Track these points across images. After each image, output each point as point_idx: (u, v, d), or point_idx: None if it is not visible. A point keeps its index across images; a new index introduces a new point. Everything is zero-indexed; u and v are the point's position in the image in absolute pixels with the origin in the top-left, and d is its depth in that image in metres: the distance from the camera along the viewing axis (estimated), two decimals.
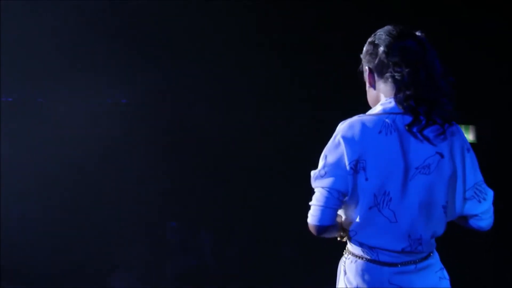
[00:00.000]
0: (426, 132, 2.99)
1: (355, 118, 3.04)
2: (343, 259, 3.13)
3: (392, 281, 2.99)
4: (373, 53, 3.09)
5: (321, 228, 3.01)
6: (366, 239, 3.00)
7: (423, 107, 2.98)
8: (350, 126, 2.99)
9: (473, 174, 3.10)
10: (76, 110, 8.98)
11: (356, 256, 3.05)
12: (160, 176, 8.49)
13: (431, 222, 3.02)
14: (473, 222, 3.17)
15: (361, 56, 3.19)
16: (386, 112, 3.02)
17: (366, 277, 3.02)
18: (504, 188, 8.64)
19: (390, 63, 3.03)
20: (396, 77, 3.02)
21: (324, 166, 2.99)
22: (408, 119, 3.00)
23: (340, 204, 3.01)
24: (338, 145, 2.98)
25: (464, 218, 3.17)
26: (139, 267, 7.78)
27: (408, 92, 2.98)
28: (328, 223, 3.01)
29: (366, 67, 3.14)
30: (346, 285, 3.07)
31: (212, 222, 8.26)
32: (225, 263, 7.94)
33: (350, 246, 3.10)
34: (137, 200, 8.21)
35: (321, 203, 2.99)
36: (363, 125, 2.98)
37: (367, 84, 3.16)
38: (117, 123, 9.05)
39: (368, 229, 2.99)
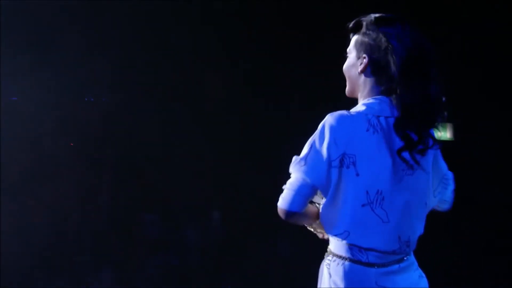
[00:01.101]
0: (416, 155, 2.97)
1: (343, 112, 2.99)
2: (326, 261, 3.07)
3: (379, 282, 2.97)
4: (377, 45, 3.02)
5: (288, 213, 2.99)
6: (359, 240, 2.96)
7: (416, 122, 2.95)
8: (339, 119, 2.95)
9: (440, 167, 3.15)
10: (48, 107, 9.09)
11: (342, 258, 3.01)
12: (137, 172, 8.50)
13: (418, 223, 3.04)
14: (438, 207, 3.23)
15: (357, 41, 3.10)
16: (371, 113, 2.97)
17: (353, 279, 2.98)
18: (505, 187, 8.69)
19: (393, 61, 2.97)
20: (393, 76, 2.96)
21: (307, 155, 2.96)
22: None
23: (312, 194, 2.99)
24: (324, 136, 2.94)
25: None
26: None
27: (403, 96, 2.94)
28: (296, 210, 2.98)
29: (365, 56, 3.05)
30: (331, 287, 3.01)
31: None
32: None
33: (334, 248, 3.04)
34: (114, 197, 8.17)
35: (294, 188, 2.96)
36: (351, 120, 2.95)
37: (359, 70, 3.07)
38: (93, 121, 9.15)
39: (361, 228, 2.94)
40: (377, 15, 3.07)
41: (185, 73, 9.83)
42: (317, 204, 3.11)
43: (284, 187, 3.01)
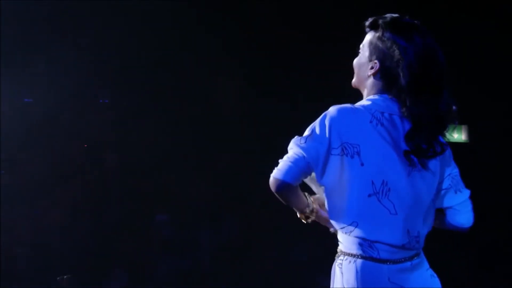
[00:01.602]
0: (423, 160, 2.99)
1: (346, 105, 3.02)
2: (338, 261, 3.04)
3: (392, 279, 2.96)
4: (390, 55, 3.01)
5: (282, 184, 2.94)
6: (367, 232, 2.95)
7: (424, 132, 2.98)
8: (341, 110, 2.98)
9: (449, 165, 3.13)
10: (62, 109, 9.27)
11: (354, 255, 2.99)
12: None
13: (427, 219, 3.05)
14: (451, 218, 3.16)
15: (371, 42, 3.09)
16: (375, 108, 2.99)
17: (366, 276, 2.95)
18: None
19: (403, 74, 2.97)
20: (403, 88, 2.97)
21: (307, 136, 2.97)
22: (405, 125, 3.00)
23: (307, 172, 2.95)
24: (325, 123, 2.96)
25: (442, 214, 3.16)
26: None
27: (412, 109, 2.97)
28: (290, 181, 2.93)
29: (376, 61, 3.05)
30: (344, 286, 2.99)
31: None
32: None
33: (344, 247, 3.03)
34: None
35: (291, 160, 2.93)
36: (354, 112, 2.97)
37: (368, 72, 3.08)
38: (107, 123, 9.31)
39: (368, 219, 2.94)
40: (395, 17, 3.07)
41: (198, 76, 9.91)
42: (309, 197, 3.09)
43: (279, 160, 2.99)
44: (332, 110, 2.98)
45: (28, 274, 7.56)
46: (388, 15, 3.08)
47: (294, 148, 2.96)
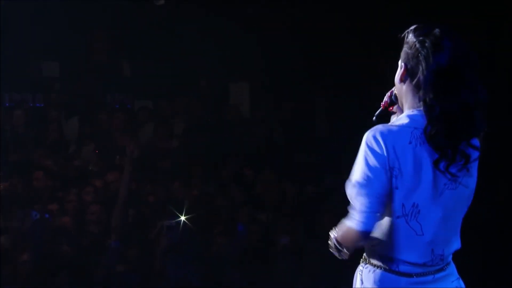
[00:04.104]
0: (451, 168, 2.93)
1: (381, 127, 2.97)
2: (360, 267, 3.08)
3: None
4: (412, 53, 2.98)
5: (367, 234, 2.91)
6: (389, 250, 2.95)
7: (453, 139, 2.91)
8: (382, 133, 2.91)
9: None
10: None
11: (374, 265, 3.01)
12: None
13: (454, 237, 3.03)
14: None
15: (402, 51, 3.06)
16: (413, 126, 2.93)
17: (384, 287, 2.98)
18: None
19: (421, 69, 2.94)
20: (421, 85, 2.94)
21: (364, 173, 2.90)
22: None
23: (383, 209, 2.93)
24: (373, 151, 2.90)
25: None
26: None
27: (429, 106, 2.90)
28: (372, 229, 2.91)
29: (402, 64, 3.03)
30: None
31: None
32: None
33: (368, 254, 3.06)
34: None
35: (369, 208, 2.89)
36: (394, 133, 2.92)
37: (398, 78, 3.05)
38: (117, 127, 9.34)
39: (393, 239, 2.94)
40: (419, 24, 3.05)
41: (209, 79, 9.96)
42: None
43: (352, 209, 2.93)
44: (373, 135, 2.92)
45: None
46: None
47: (359, 195, 2.91)
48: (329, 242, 3.07)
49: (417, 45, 2.95)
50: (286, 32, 9.73)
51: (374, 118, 3.35)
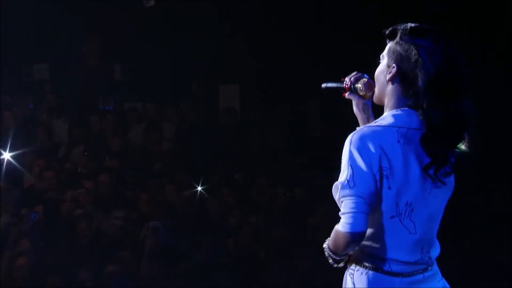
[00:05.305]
0: (439, 173, 2.94)
1: (365, 128, 2.98)
2: (350, 270, 3.04)
3: None
4: (407, 57, 2.97)
5: (356, 235, 2.88)
6: (381, 250, 2.95)
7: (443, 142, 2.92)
8: (368, 134, 2.92)
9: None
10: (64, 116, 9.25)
11: (366, 267, 2.99)
12: None
13: (435, 240, 3.06)
14: None
15: (390, 49, 3.05)
16: (398, 125, 2.94)
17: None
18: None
19: (420, 76, 2.92)
20: (420, 91, 2.92)
21: (352, 176, 2.89)
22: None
23: (370, 210, 2.90)
24: (360, 153, 2.89)
25: None
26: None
27: (428, 113, 2.90)
28: (363, 229, 2.89)
29: (394, 65, 3.00)
30: None
31: None
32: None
33: (356, 256, 3.03)
34: None
35: (356, 210, 2.88)
36: (381, 133, 2.92)
37: (387, 78, 3.03)
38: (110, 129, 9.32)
39: (385, 240, 2.94)
40: (413, 25, 3.01)
41: (200, 82, 9.98)
42: None
43: (341, 213, 2.92)
44: (358, 137, 2.92)
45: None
46: (407, 23, 3.04)
47: (348, 197, 2.90)
48: (325, 254, 3.06)
49: (414, 50, 2.95)
50: (276, 33, 9.73)
51: (324, 86, 3.36)
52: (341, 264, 3.07)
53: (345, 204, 2.90)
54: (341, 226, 2.90)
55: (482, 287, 7.46)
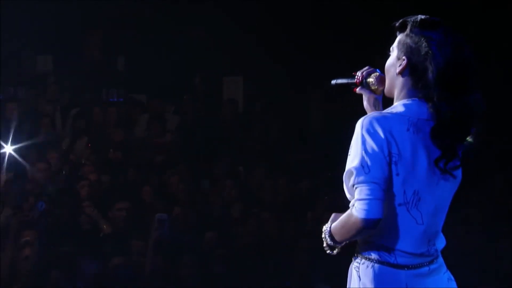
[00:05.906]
0: (448, 166, 2.94)
1: (376, 113, 2.97)
2: (355, 264, 3.02)
3: (409, 284, 2.94)
4: (417, 49, 2.96)
5: (371, 222, 2.84)
6: (389, 240, 2.93)
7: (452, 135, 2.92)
8: (378, 119, 2.91)
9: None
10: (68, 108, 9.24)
11: (371, 260, 2.97)
12: None
13: (440, 233, 3.05)
14: None
15: (400, 41, 3.04)
16: (408, 115, 2.93)
17: (384, 281, 2.93)
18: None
19: (430, 68, 2.91)
20: (430, 83, 2.91)
21: (365, 162, 2.85)
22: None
23: (385, 197, 2.88)
24: (372, 138, 2.87)
25: None
26: None
27: (439, 105, 2.90)
28: (379, 216, 2.84)
29: (404, 57, 2.99)
30: None
31: None
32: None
33: (362, 249, 3.00)
34: None
35: (371, 196, 2.84)
36: (390, 120, 2.92)
37: (397, 70, 3.02)
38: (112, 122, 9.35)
39: (393, 228, 2.92)
40: (423, 17, 3.02)
41: (203, 73, 9.98)
42: None
43: (356, 200, 2.88)
44: (369, 121, 2.90)
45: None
46: (417, 15, 3.04)
47: (363, 183, 2.86)
48: (322, 236, 3.03)
49: (424, 42, 2.94)
50: (280, 26, 9.73)
51: (334, 82, 3.34)
52: (335, 251, 3.04)
53: (361, 190, 2.86)
54: (357, 211, 2.85)
55: None
